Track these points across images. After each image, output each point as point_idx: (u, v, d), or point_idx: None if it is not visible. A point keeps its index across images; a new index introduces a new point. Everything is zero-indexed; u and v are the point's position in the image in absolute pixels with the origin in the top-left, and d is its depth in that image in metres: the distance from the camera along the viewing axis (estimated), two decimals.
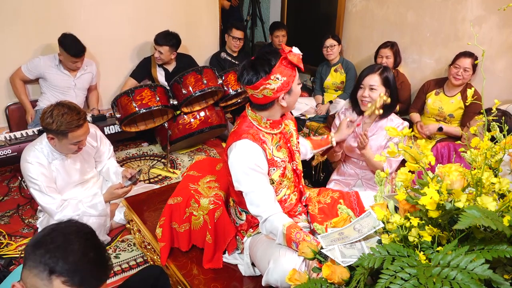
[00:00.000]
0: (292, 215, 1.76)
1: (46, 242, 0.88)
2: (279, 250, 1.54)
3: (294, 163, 1.73)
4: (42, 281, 0.85)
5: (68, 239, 0.89)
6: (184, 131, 3.28)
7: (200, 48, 4.18)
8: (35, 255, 0.87)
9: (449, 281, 0.74)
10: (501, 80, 3.00)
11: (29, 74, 3.15)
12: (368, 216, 1.04)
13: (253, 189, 1.53)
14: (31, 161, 2.09)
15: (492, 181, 0.87)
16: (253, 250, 1.66)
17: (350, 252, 1.00)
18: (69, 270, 0.85)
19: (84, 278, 0.87)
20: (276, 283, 1.51)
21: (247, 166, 1.52)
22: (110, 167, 2.46)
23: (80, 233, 0.92)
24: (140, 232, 2.06)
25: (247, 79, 1.51)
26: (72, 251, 0.87)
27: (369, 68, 2.12)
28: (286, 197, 1.71)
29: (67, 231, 0.91)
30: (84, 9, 3.40)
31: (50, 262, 0.85)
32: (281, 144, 1.67)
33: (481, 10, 3.05)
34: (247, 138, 1.54)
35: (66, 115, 1.96)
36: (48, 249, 0.87)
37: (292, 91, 1.57)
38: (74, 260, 0.86)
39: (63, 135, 1.99)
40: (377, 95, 2.02)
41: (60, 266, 0.85)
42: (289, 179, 1.71)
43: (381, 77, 2.05)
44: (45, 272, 0.86)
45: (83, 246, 0.89)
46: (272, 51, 1.54)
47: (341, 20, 4.17)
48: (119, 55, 3.71)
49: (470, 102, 1.02)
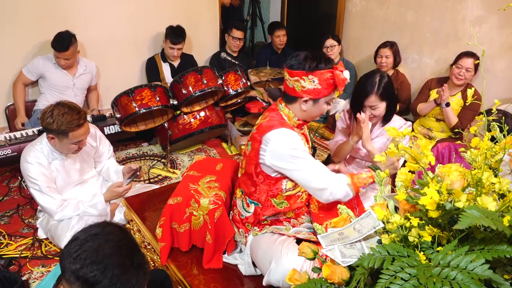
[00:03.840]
0: (299, 213, 1.77)
1: (80, 257, 0.88)
2: (281, 250, 1.54)
3: None
4: None
5: (101, 251, 0.88)
6: (184, 131, 3.28)
7: (200, 48, 4.18)
8: (71, 270, 0.87)
9: (449, 281, 0.74)
10: (501, 80, 3.00)
11: (30, 76, 3.15)
12: (368, 216, 1.04)
13: (310, 166, 1.56)
14: (31, 161, 2.09)
15: (492, 181, 0.87)
16: (254, 250, 1.66)
17: (350, 252, 1.00)
18: (108, 284, 0.86)
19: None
20: (278, 284, 1.51)
21: (297, 149, 1.54)
22: (110, 166, 2.46)
23: (113, 242, 0.91)
24: (140, 232, 2.06)
25: (291, 63, 1.56)
26: (108, 264, 0.87)
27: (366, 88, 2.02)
28: (299, 194, 1.72)
29: (99, 241, 0.90)
30: (84, 9, 3.40)
31: (88, 278, 0.86)
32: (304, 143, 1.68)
33: (481, 10, 3.05)
34: (286, 127, 1.57)
35: (67, 115, 1.96)
36: (84, 264, 0.86)
37: (318, 104, 1.59)
38: (112, 274, 0.86)
39: (64, 135, 1.99)
40: (380, 111, 2.02)
41: (99, 281, 0.85)
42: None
43: (379, 94, 1.98)
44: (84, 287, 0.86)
45: (118, 257, 0.88)
46: (328, 59, 1.57)
47: (341, 20, 4.17)
48: (119, 55, 3.71)
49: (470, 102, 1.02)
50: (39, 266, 2.17)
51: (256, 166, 1.61)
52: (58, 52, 3.04)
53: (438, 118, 3.15)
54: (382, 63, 3.51)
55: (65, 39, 3.02)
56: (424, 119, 3.25)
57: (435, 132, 3.19)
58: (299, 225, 1.74)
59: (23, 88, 3.19)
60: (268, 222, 1.72)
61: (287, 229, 1.70)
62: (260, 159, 1.59)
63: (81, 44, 3.40)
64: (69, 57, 3.09)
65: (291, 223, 1.73)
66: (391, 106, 2.05)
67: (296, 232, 1.68)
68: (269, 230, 1.68)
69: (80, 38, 3.26)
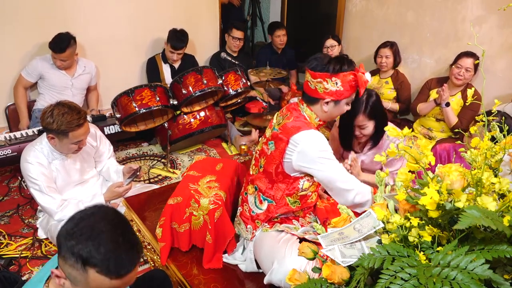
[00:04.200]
0: (306, 211, 1.78)
1: (76, 234, 0.91)
2: (285, 250, 1.55)
3: None
4: (77, 271, 0.90)
5: (96, 229, 0.92)
6: (184, 131, 3.28)
7: (200, 48, 4.18)
8: (67, 246, 0.91)
9: (449, 281, 0.74)
10: (501, 80, 3.00)
11: (30, 78, 3.15)
12: (368, 216, 1.04)
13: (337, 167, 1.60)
14: (31, 161, 2.09)
15: (492, 181, 0.87)
16: (258, 248, 1.67)
17: (350, 252, 1.00)
18: (102, 260, 0.89)
19: (117, 264, 0.91)
20: (279, 283, 1.51)
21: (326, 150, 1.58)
22: (110, 166, 2.46)
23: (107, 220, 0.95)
24: (140, 232, 2.06)
25: (314, 64, 1.58)
26: (102, 240, 0.90)
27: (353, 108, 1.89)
28: (310, 194, 1.73)
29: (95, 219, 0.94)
30: (84, 9, 3.40)
31: (82, 253, 0.89)
32: None
33: (481, 10, 3.05)
34: (313, 129, 1.60)
35: (67, 115, 1.96)
36: (79, 240, 0.90)
37: (339, 105, 1.62)
38: (105, 250, 0.90)
39: (64, 134, 1.99)
40: (369, 130, 1.98)
41: (93, 257, 0.89)
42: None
43: (366, 113, 1.94)
44: (79, 263, 0.90)
45: (112, 234, 0.92)
46: (351, 61, 1.60)
47: (341, 20, 4.17)
48: (119, 55, 3.71)
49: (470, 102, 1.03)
50: (39, 266, 2.16)
51: (278, 165, 1.63)
52: (55, 53, 3.03)
53: (438, 118, 3.15)
54: (382, 63, 3.51)
55: (63, 40, 3.01)
56: (424, 119, 3.25)
57: (435, 132, 3.18)
58: (307, 224, 1.75)
59: (25, 92, 3.19)
60: (278, 220, 1.73)
61: (296, 228, 1.70)
62: (286, 159, 1.61)
63: (81, 45, 3.40)
64: (65, 59, 3.08)
65: (300, 222, 1.74)
66: (379, 125, 1.98)
67: (304, 232, 1.69)
68: (280, 228, 1.68)
69: (80, 38, 3.26)
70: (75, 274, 0.92)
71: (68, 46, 3.02)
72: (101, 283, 0.91)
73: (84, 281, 0.91)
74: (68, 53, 3.05)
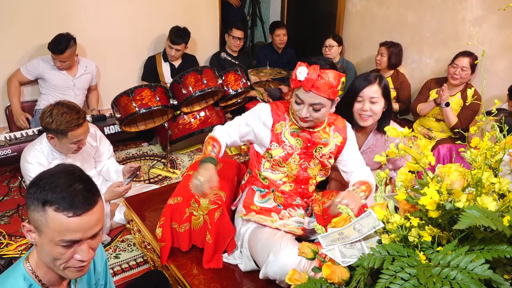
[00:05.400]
0: (289, 204, 1.77)
1: (37, 182, 1.00)
2: (280, 243, 1.55)
3: (305, 164, 1.72)
4: (38, 213, 0.97)
5: (55, 176, 1.00)
6: (184, 131, 3.28)
7: (200, 48, 4.18)
8: (29, 194, 0.99)
9: (449, 281, 0.74)
10: (501, 80, 3.00)
11: (28, 75, 3.14)
12: (368, 216, 1.04)
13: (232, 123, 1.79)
14: (31, 161, 2.09)
15: (492, 181, 0.87)
16: (253, 243, 1.66)
17: (350, 252, 1.00)
18: (57, 197, 0.97)
19: (72, 202, 0.97)
20: (275, 276, 1.51)
21: (248, 114, 1.76)
22: (110, 166, 2.46)
23: (66, 170, 1.03)
24: (140, 232, 2.06)
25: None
26: (59, 183, 0.99)
27: (365, 79, 1.91)
28: (280, 182, 1.75)
29: (55, 170, 1.03)
30: (84, 9, 3.40)
31: (41, 196, 0.97)
32: (300, 135, 1.70)
33: (481, 10, 3.05)
34: (269, 105, 1.74)
35: (66, 115, 1.96)
36: (39, 186, 0.98)
37: (292, 94, 1.63)
38: (61, 190, 0.98)
39: (63, 134, 1.99)
40: (379, 107, 1.88)
41: (49, 196, 0.97)
42: (292, 170, 1.71)
43: (381, 87, 1.87)
44: (39, 205, 0.97)
45: (69, 179, 1.00)
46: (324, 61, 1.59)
47: (341, 20, 4.17)
48: (119, 55, 3.71)
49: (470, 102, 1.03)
50: None
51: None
52: (54, 54, 3.03)
53: (438, 118, 3.15)
54: (377, 61, 3.52)
55: (62, 42, 3.00)
56: (424, 119, 3.25)
57: (435, 132, 3.19)
58: (288, 218, 1.73)
59: (18, 86, 3.16)
60: (257, 209, 1.73)
61: (273, 221, 1.69)
62: None
63: (81, 45, 3.39)
64: (65, 60, 3.07)
65: (280, 215, 1.73)
66: (386, 112, 1.92)
67: (283, 225, 1.68)
68: (253, 219, 1.69)
69: (80, 38, 3.26)
70: (38, 218, 0.98)
71: (67, 47, 3.01)
72: (60, 222, 0.96)
73: (46, 224, 0.97)
74: (67, 54, 3.04)
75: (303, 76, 1.52)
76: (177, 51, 3.63)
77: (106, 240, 2.33)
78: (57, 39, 3.01)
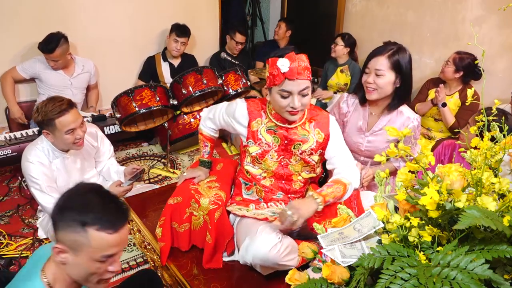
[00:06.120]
0: (270, 199, 1.78)
1: (70, 206, 1.06)
2: (257, 229, 1.57)
3: (285, 161, 1.73)
4: (78, 234, 1.03)
5: (86, 197, 1.07)
6: (184, 131, 3.28)
7: (200, 48, 4.19)
8: (64, 217, 1.05)
9: (449, 281, 0.74)
10: (501, 80, 3.00)
11: (23, 73, 3.13)
12: (368, 216, 1.04)
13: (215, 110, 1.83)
14: (32, 161, 2.09)
15: (492, 181, 0.87)
16: (237, 233, 1.73)
17: (350, 252, 1.00)
18: (97, 218, 1.04)
19: (111, 220, 1.05)
20: (251, 260, 1.53)
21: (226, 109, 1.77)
22: (110, 166, 2.46)
23: (93, 191, 1.10)
24: (140, 232, 2.06)
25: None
26: (94, 203, 1.06)
27: (378, 49, 1.82)
28: (260, 177, 1.77)
29: (82, 190, 1.09)
30: (84, 9, 3.40)
31: (79, 217, 1.03)
32: (277, 132, 1.68)
33: (481, 10, 3.05)
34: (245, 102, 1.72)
35: (48, 104, 2.00)
36: (75, 209, 1.04)
37: (272, 93, 1.60)
38: (98, 210, 1.05)
39: (52, 125, 2.00)
40: (385, 81, 1.77)
41: (90, 217, 1.03)
42: (269, 166, 1.73)
43: (391, 60, 1.76)
44: (78, 226, 1.03)
45: (101, 198, 1.08)
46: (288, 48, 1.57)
47: (341, 20, 4.17)
48: (119, 55, 3.71)
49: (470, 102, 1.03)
50: None
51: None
52: (44, 53, 3.02)
53: (436, 118, 3.15)
54: None
55: (53, 40, 2.98)
56: (423, 119, 3.25)
57: (434, 132, 3.19)
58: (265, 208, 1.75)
59: (13, 83, 3.15)
60: (239, 199, 1.80)
61: (248, 210, 1.73)
62: None
63: (81, 45, 3.40)
64: (57, 59, 3.05)
65: (258, 206, 1.76)
66: (401, 87, 1.78)
67: (256, 214, 1.71)
68: (231, 208, 1.76)
69: (80, 38, 3.26)
70: (77, 238, 1.03)
71: (57, 46, 2.99)
72: (102, 240, 1.04)
73: (87, 243, 1.03)
74: (58, 53, 3.02)
75: (287, 67, 1.50)
76: (182, 45, 3.65)
77: None
78: (47, 38, 2.99)
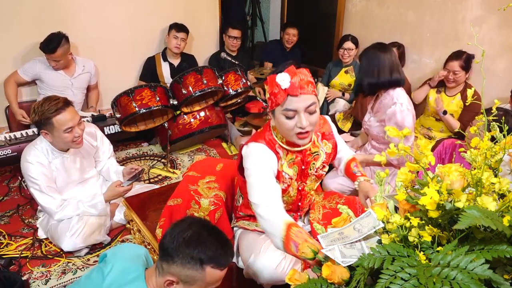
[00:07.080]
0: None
1: (190, 243, 1.19)
2: (262, 245, 1.58)
3: (302, 185, 1.63)
4: (196, 271, 1.19)
5: (202, 236, 1.21)
6: (184, 131, 3.28)
7: (200, 47, 4.19)
8: (184, 253, 1.18)
9: (449, 281, 0.74)
10: (501, 80, 3.00)
11: (25, 76, 3.13)
12: (368, 216, 1.04)
13: (258, 176, 1.42)
14: (31, 161, 2.09)
15: (492, 181, 0.87)
16: (240, 242, 1.72)
17: (350, 252, 1.00)
18: (214, 257, 1.20)
19: (224, 258, 1.23)
20: (254, 276, 1.57)
21: (249, 168, 1.45)
22: (110, 166, 2.46)
23: (207, 229, 1.25)
24: (140, 232, 2.06)
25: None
26: (210, 243, 1.21)
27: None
28: None
29: (197, 227, 1.23)
30: (84, 9, 3.40)
31: (199, 256, 1.18)
32: (295, 161, 1.55)
33: (481, 10, 3.04)
34: (263, 143, 1.48)
35: (44, 104, 2.00)
36: (194, 247, 1.19)
37: (275, 116, 1.41)
38: (213, 250, 1.20)
39: (49, 124, 2.00)
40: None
41: (207, 257, 1.19)
42: (291, 197, 1.63)
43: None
44: (197, 264, 1.18)
45: (215, 238, 1.23)
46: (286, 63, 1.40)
47: (341, 20, 4.17)
48: (119, 55, 3.71)
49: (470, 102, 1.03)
50: (39, 266, 2.16)
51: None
52: (46, 53, 3.02)
53: (437, 117, 3.15)
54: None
55: (54, 40, 2.98)
56: (423, 118, 3.25)
57: (435, 132, 3.18)
58: None
59: (15, 87, 3.15)
60: (245, 217, 1.77)
61: (257, 225, 1.68)
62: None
63: (81, 45, 3.40)
64: (58, 59, 3.05)
65: None
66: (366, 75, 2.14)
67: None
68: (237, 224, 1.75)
69: (80, 38, 3.25)
70: (193, 274, 1.19)
71: (58, 46, 2.99)
72: (214, 276, 1.21)
73: (202, 278, 1.19)
74: (59, 53, 3.02)
75: (288, 82, 1.34)
76: (182, 41, 3.67)
77: (106, 240, 2.33)
78: (49, 38, 2.99)
